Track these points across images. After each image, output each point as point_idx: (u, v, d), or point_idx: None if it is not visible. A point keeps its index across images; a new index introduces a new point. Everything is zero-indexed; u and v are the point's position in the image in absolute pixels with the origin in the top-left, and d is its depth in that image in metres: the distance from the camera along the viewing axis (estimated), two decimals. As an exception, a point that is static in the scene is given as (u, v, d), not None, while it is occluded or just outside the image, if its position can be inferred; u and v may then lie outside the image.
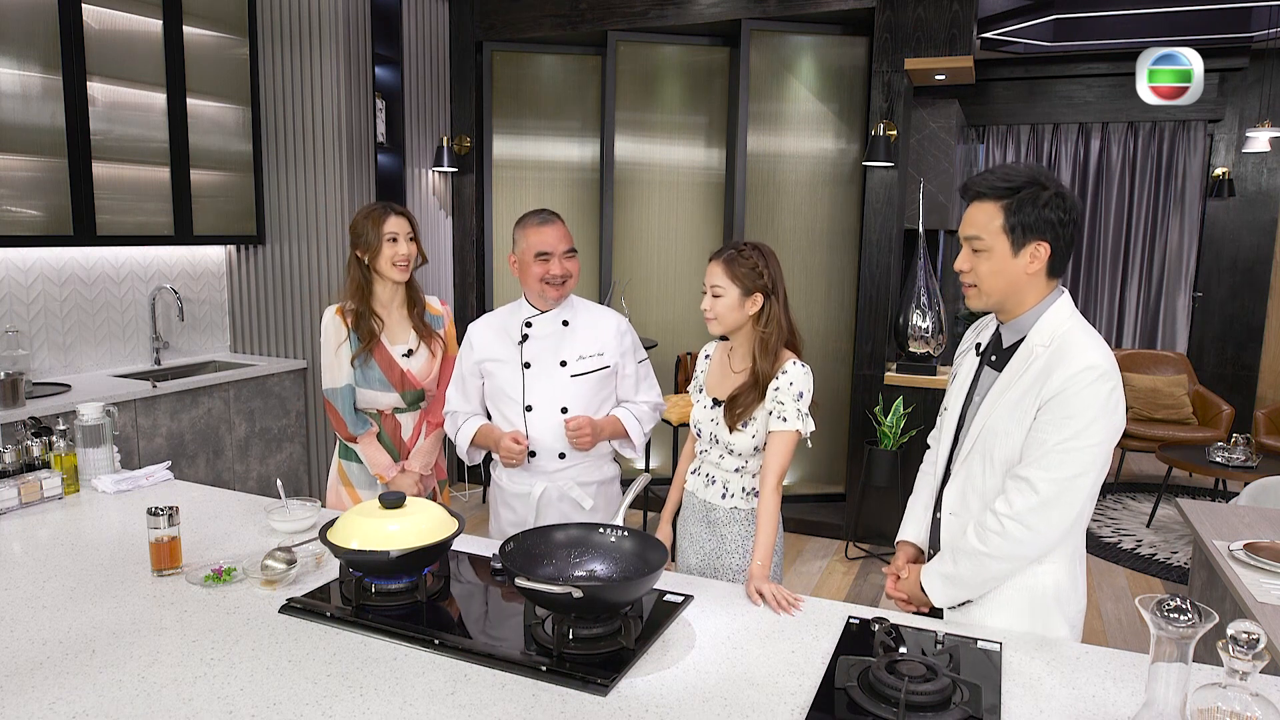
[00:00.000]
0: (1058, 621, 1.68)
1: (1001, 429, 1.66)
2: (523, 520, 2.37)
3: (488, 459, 2.50)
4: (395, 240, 2.49)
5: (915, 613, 1.84)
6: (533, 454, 2.35)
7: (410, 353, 2.58)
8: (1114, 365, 1.60)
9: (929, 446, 1.98)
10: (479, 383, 2.43)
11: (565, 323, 2.37)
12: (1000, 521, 1.62)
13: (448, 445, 2.69)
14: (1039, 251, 1.63)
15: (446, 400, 2.51)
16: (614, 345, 2.38)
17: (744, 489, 2.11)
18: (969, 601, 1.74)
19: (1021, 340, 1.68)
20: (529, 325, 2.37)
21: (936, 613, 1.83)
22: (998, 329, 1.77)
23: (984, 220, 1.65)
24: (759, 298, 2.04)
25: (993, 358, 1.76)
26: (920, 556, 1.90)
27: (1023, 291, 1.66)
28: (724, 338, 2.19)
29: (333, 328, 2.55)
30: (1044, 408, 1.60)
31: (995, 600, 1.70)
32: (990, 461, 1.69)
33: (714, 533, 2.15)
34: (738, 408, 2.04)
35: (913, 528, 1.93)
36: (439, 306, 2.68)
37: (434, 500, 2.64)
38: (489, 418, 2.45)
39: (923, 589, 1.77)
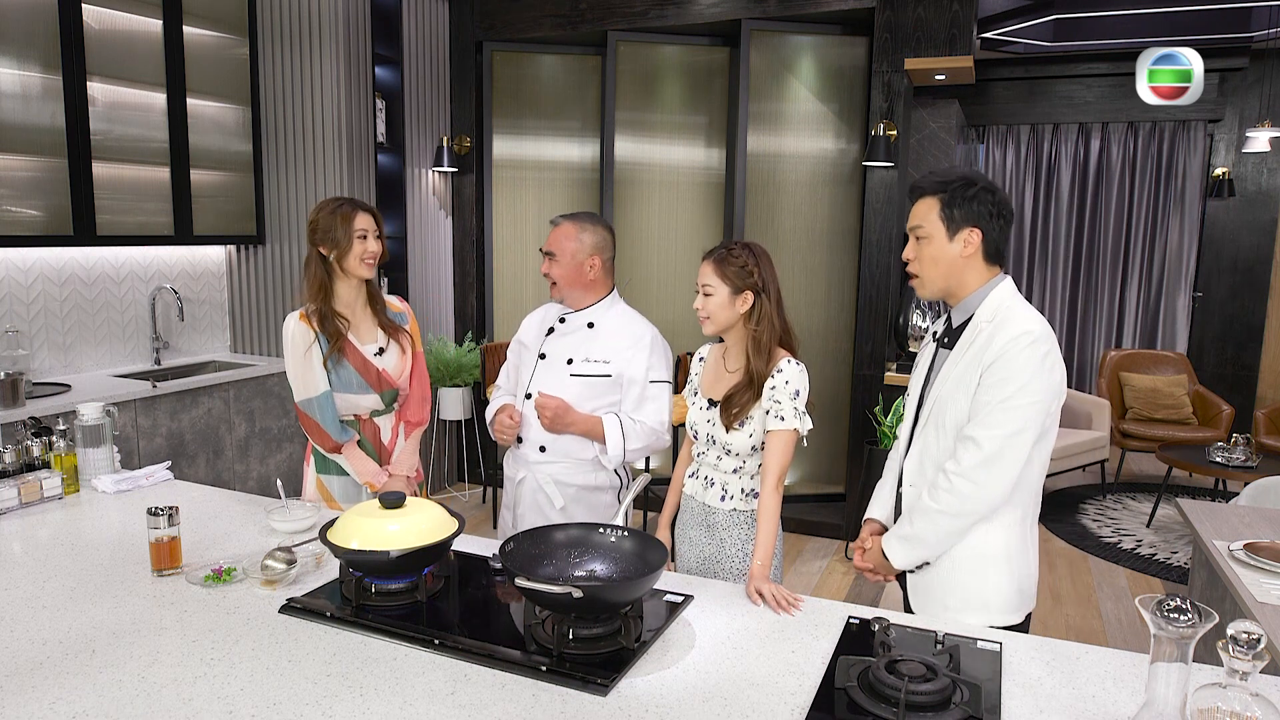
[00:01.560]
0: (1005, 580, 1.81)
1: (950, 396, 1.82)
2: (512, 503, 2.50)
3: (495, 456, 2.53)
4: (365, 237, 2.43)
5: (884, 581, 1.98)
6: (520, 440, 2.43)
7: (381, 351, 2.52)
8: (1049, 333, 1.77)
9: (898, 437, 2.10)
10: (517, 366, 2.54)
11: (591, 325, 2.40)
12: (949, 479, 1.76)
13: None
14: (972, 238, 1.81)
15: (499, 375, 2.60)
16: (624, 356, 2.36)
17: (743, 490, 2.11)
18: (928, 564, 1.86)
19: (970, 319, 1.85)
20: (561, 321, 2.44)
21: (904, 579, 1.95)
22: (948, 315, 1.92)
23: (924, 211, 1.85)
24: (749, 296, 2.05)
25: (945, 339, 1.91)
26: (884, 532, 2.01)
27: (961, 274, 1.84)
28: (719, 340, 2.20)
29: (299, 333, 2.42)
30: (986, 371, 1.76)
31: (949, 560, 1.83)
32: (942, 428, 1.83)
33: (713, 536, 2.14)
34: (733, 407, 2.05)
35: (878, 506, 2.05)
36: (400, 305, 2.64)
37: None
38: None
39: (885, 555, 1.89)
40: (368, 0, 4.49)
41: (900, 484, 1.95)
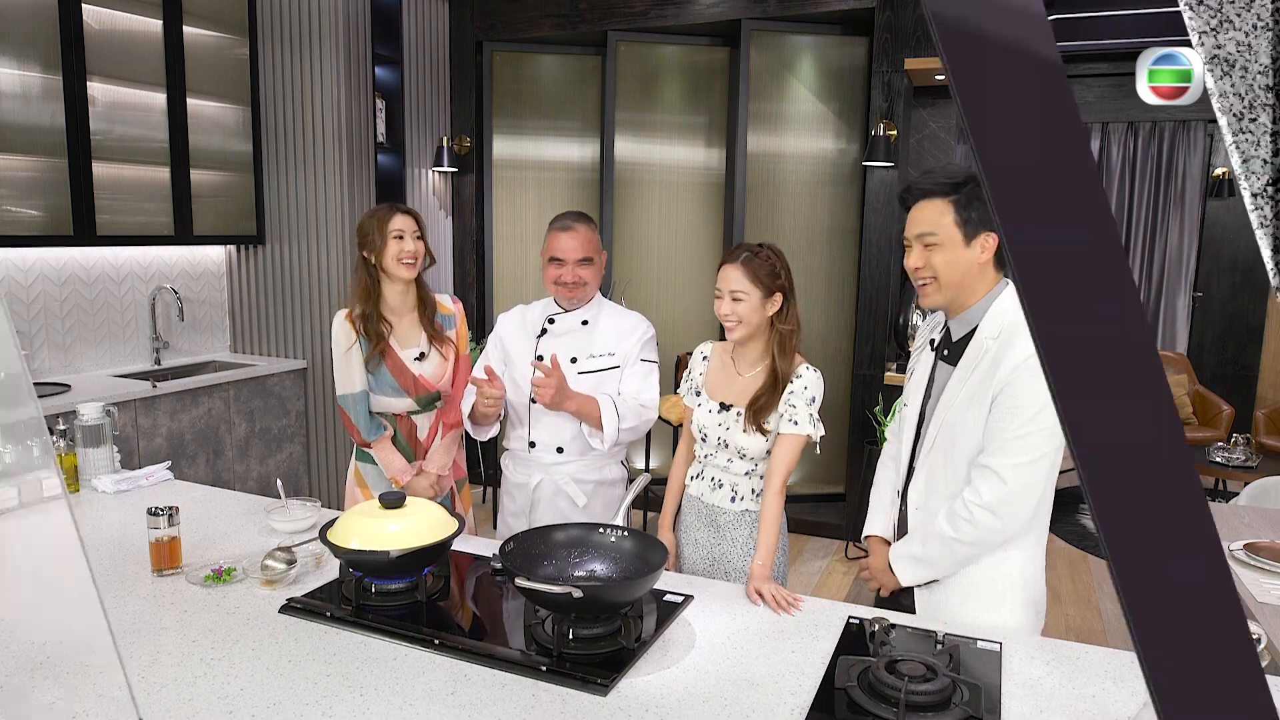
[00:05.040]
0: (1022, 605, 1.75)
1: (960, 423, 1.73)
2: (522, 509, 2.43)
3: (496, 456, 2.50)
4: (401, 237, 2.47)
5: (885, 597, 1.92)
6: (533, 444, 2.39)
7: (422, 356, 2.55)
8: None
9: (887, 440, 2.06)
10: (503, 370, 2.47)
11: (585, 322, 2.40)
12: (970, 510, 1.69)
13: (468, 444, 2.68)
14: (988, 242, 1.72)
15: (476, 370, 2.54)
16: (625, 345, 2.38)
17: (753, 490, 2.10)
18: (936, 581, 1.80)
19: (972, 333, 1.75)
20: (551, 321, 2.42)
21: (906, 598, 1.88)
22: (946, 324, 1.83)
23: (934, 217, 1.73)
24: (779, 298, 2.04)
25: (945, 353, 1.82)
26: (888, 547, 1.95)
27: (975, 281, 1.75)
28: (721, 338, 2.20)
29: (341, 332, 2.52)
30: (996, 399, 1.68)
31: (961, 585, 1.77)
32: (952, 454, 1.76)
33: (721, 536, 2.13)
34: (762, 413, 2.02)
35: (879, 522, 1.99)
36: (450, 305, 2.66)
37: (452, 499, 2.65)
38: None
39: (891, 569, 1.84)
40: (368, 0, 4.49)
41: (904, 502, 1.88)
